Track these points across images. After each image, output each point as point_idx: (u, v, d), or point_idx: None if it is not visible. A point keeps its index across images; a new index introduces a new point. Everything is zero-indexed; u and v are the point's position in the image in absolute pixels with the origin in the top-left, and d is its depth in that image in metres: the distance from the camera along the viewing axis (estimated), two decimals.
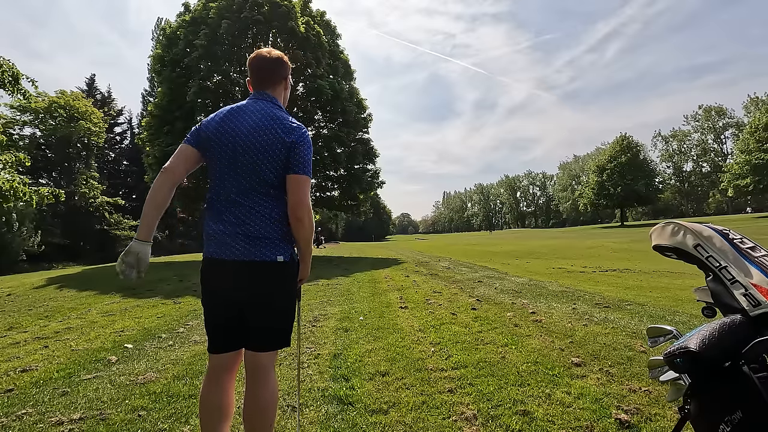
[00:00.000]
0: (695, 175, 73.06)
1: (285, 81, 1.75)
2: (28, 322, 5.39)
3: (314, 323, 4.50)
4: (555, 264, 11.13)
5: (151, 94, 36.80)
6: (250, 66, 1.71)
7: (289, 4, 15.58)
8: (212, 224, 1.59)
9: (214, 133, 1.59)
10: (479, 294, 6.05)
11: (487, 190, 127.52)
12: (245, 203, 1.55)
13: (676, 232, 1.33)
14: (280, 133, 1.55)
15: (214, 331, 1.62)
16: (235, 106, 1.66)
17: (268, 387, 1.57)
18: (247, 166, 1.54)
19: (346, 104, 16.78)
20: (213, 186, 1.62)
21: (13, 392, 2.76)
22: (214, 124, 1.61)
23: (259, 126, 1.56)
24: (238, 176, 1.55)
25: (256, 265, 1.53)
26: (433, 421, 2.14)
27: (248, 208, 1.55)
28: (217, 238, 1.56)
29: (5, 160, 9.21)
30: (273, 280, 1.56)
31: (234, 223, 1.54)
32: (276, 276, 1.56)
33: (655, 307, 4.78)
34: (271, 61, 1.70)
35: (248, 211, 1.55)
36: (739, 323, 1.08)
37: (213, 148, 1.58)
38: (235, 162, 1.55)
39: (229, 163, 1.56)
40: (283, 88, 1.76)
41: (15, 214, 22.10)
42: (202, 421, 1.62)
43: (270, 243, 1.55)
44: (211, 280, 1.60)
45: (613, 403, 2.26)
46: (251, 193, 1.55)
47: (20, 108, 26.15)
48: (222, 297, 1.59)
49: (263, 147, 1.53)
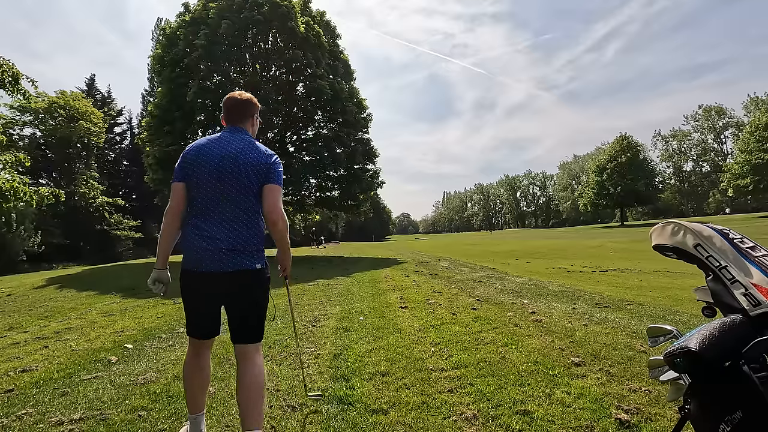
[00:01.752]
0: (695, 175, 73.04)
1: (253, 118, 2.09)
2: (28, 323, 5.39)
3: (314, 323, 4.50)
4: (555, 264, 11.13)
5: (151, 94, 36.78)
6: (225, 106, 2.05)
7: (289, 4, 15.57)
8: (196, 238, 1.85)
9: (196, 158, 1.87)
10: (479, 294, 6.05)
11: (487, 190, 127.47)
12: (229, 218, 1.85)
13: (676, 231, 1.33)
14: (262, 155, 1.90)
15: (203, 323, 1.94)
16: (214, 136, 1.97)
17: (257, 366, 1.88)
18: (234, 181, 1.84)
19: (346, 104, 16.77)
20: (196, 203, 1.88)
21: (13, 392, 2.76)
22: (195, 150, 1.91)
23: (243, 150, 1.88)
24: (224, 192, 1.84)
25: (241, 273, 1.84)
26: (433, 421, 2.15)
27: (232, 223, 1.85)
28: (204, 252, 1.83)
29: (5, 160, 9.20)
30: (255, 284, 1.91)
31: (218, 239, 1.83)
32: (257, 280, 1.91)
33: (655, 306, 4.78)
34: (242, 102, 2.05)
35: (231, 227, 1.85)
36: (739, 323, 1.07)
37: (197, 171, 1.86)
38: (222, 179, 1.83)
39: (216, 181, 1.84)
40: (251, 123, 2.08)
41: (15, 215, 22.10)
42: (187, 392, 1.96)
43: (250, 254, 1.87)
44: (200, 288, 1.88)
45: (613, 402, 2.26)
46: (235, 208, 1.85)
47: (20, 108, 26.17)
48: (211, 300, 1.90)
49: (250, 164, 1.85)
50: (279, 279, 2.24)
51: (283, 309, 5.38)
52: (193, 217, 1.88)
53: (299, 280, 8.66)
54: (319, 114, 17.74)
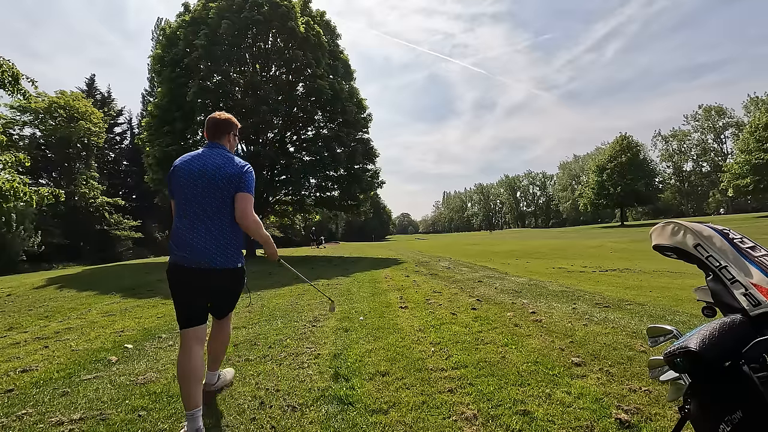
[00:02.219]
0: (695, 175, 73.00)
1: (230, 134, 2.42)
2: (28, 323, 5.39)
3: (314, 323, 4.50)
4: (555, 264, 11.13)
5: (151, 94, 36.81)
6: (207, 124, 2.39)
7: (288, 4, 15.57)
8: (183, 239, 2.18)
9: (182, 170, 2.21)
10: (479, 294, 6.05)
11: (487, 190, 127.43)
12: (212, 223, 2.18)
13: (676, 231, 1.33)
14: (235, 167, 2.23)
15: (193, 313, 2.23)
16: (196, 152, 2.31)
17: (226, 329, 2.57)
18: (214, 191, 2.17)
19: (346, 104, 16.77)
20: (180, 209, 2.21)
21: (13, 392, 2.76)
22: (182, 164, 2.25)
23: (221, 164, 2.22)
24: (206, 200, 2.17)
25: (228, 270, 2.22)
26: (433, 421, 2.15)
27: (214, 226, 2.19)
28: (192, 250, 2.15)
29: (5, 160, 9.19)
30: (238, 279, 2.32)
31: (206, 239, 2.17)
32: (239, 276, 2.32)
33: (655, 306, 4.78)
34: (222, 121, 2.39)
35: (214, 230, 2.19)
36: (739, 323, 1.07)
37: (182, 181, 2.19)
38: (204, 189, 2.16)
39: (200, 191, 2.16)
40: (228, 140, 2.41)
41: (15, 215, 22.09)
42: (182, 386, 2.09)
43: (233, 254, 2.24)
44: (192, 282, 2.18)
45: (613, 402, 2.26)
46: (216, 215, 2.18)
47: (20, 108, 26.16)
48: (201, 291, 2.22)
49: (228, 176, 2.19)
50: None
51: (283, 309, 5.38)
52: (177, 223, 2.24)
53: (299, 279, 8.65)
54: (319, 114, 17.74)
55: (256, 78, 15.80)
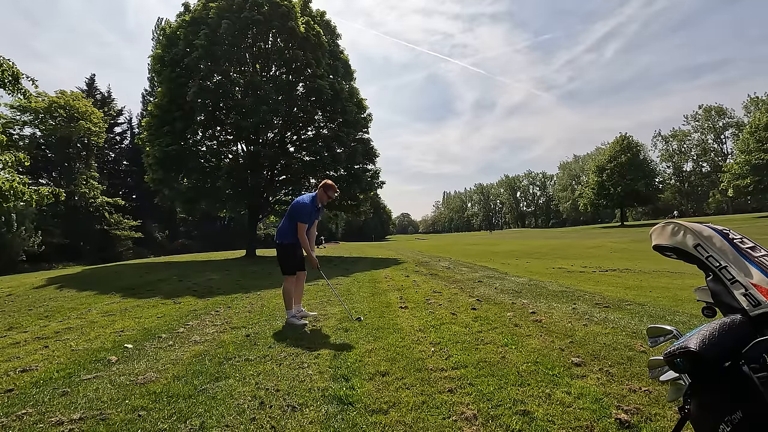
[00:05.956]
0: (695, 175, 72.96)
1: (319, 188, 4.62)
2: (28, 322, 5.39)
3: (314, 323, 4.50)
4: (555, 264, 11.13)
5: (151, 94, 36.79)
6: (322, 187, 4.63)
7: (289, 4, 15.56)
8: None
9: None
10: (479, 294, 6.05)
11: (487, 190, 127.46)
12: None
13: (676, 232, 1.33)
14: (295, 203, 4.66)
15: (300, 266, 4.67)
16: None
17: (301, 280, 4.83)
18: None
19: (346, 104, 16.76)
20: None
21: (13, 392, 2.76)
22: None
23: (298, 201, 4.70)
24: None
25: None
26: (433, 421, 2.14)
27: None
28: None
29: (5, 160, 9.19)
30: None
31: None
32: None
33: (655, 306, 4.78)
34: (325, 185, 4.55)
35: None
36: (739, 323, 1.07)
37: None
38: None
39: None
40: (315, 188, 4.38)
41: (15, 215, 22.09)
42: (295, 297, 4.52)
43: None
44: (297, 250, 4.57)
45: (613, 402, 2.26)
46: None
47: (20, 108, 26.13)
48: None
49: (294, 209, 4.60)
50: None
51: (284, 309, 5.38)
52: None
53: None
54: (319, 114, 17.73)
55: (256, 78, 15.79)
